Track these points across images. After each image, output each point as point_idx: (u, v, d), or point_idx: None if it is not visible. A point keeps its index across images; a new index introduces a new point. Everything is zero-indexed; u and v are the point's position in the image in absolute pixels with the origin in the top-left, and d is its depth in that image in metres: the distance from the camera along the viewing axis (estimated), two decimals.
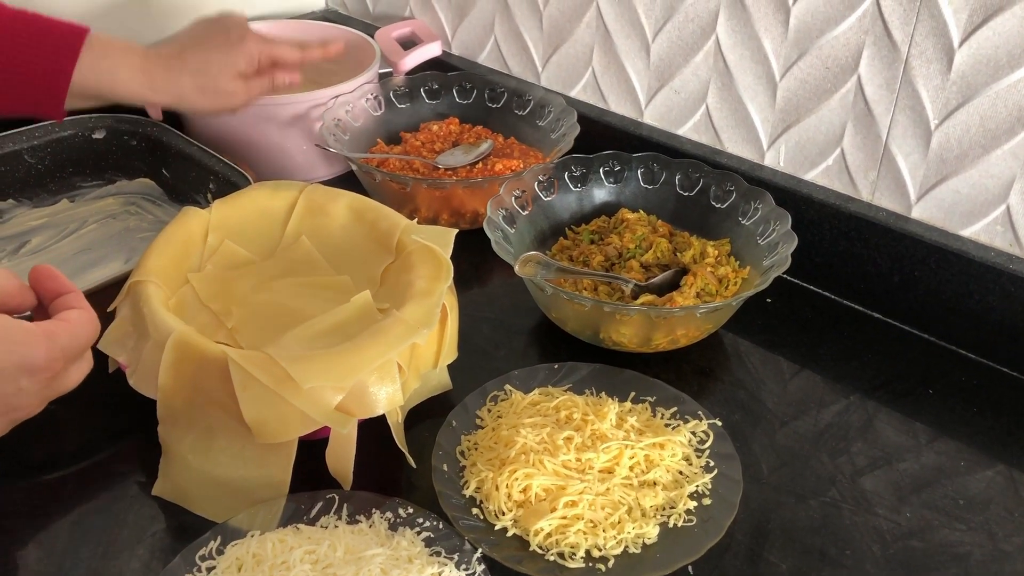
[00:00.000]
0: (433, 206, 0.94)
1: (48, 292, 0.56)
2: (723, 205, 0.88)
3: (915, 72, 0.79)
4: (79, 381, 0.56)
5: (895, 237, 0.84)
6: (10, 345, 0.50)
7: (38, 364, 0.51)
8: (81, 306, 0.55)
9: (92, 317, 0.55)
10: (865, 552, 0.64)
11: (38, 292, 0.56)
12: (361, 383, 0.64)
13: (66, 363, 0.54)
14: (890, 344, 0.84)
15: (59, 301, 0.55)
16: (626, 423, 0.70)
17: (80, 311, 0.54)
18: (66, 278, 0.56)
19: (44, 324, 0.53)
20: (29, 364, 0.51)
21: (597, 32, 1.00)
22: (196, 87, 0.86)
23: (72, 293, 0.56)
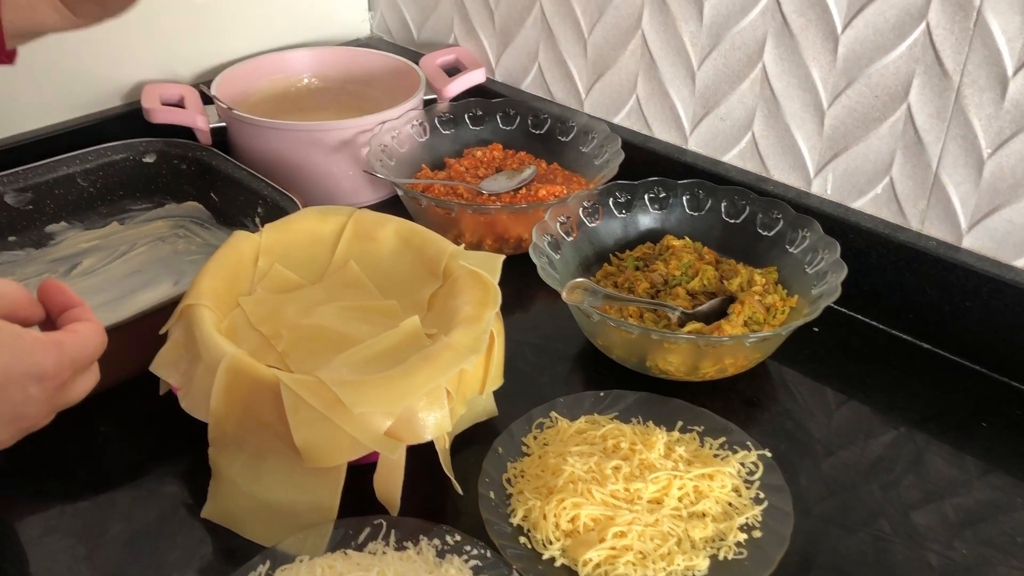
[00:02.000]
0: (477, 231, 0.94)
1: (56, 305, 0.56)
2: (770, 233, 0.88)
3: (967, 101, 0.78)
4: (86, 393, 0.56)
5: (945, 267, 0.83)
6: (20, 353, 0.51)
7: (47, 372, 0.51)
8: (88, 319, 0.55)
9: (99, 329, 0.55)
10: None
11: (46, 305, 0.56)
12: (410, 409, 0.64)
13: (74, 373, 0.54)
14: (940, 375, 0.83)
15: (67, 314, 0.56)
16: (674, 453, 0.69)
17: (88, 323, 0.55)
18: (73, 292, 0.57)
19: (53, 334, 0.53)
20: (38, 372, 0.51)
21: (642, 60, 1.01)
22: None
23: (79, 307, 0.56)
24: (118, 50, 1.09)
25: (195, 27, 1.14)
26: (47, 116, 1.06)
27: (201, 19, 1.14)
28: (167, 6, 1.10)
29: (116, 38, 1.07)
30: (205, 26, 1.15)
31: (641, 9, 0.98)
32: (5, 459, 0.73)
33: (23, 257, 0.96)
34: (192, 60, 1.16)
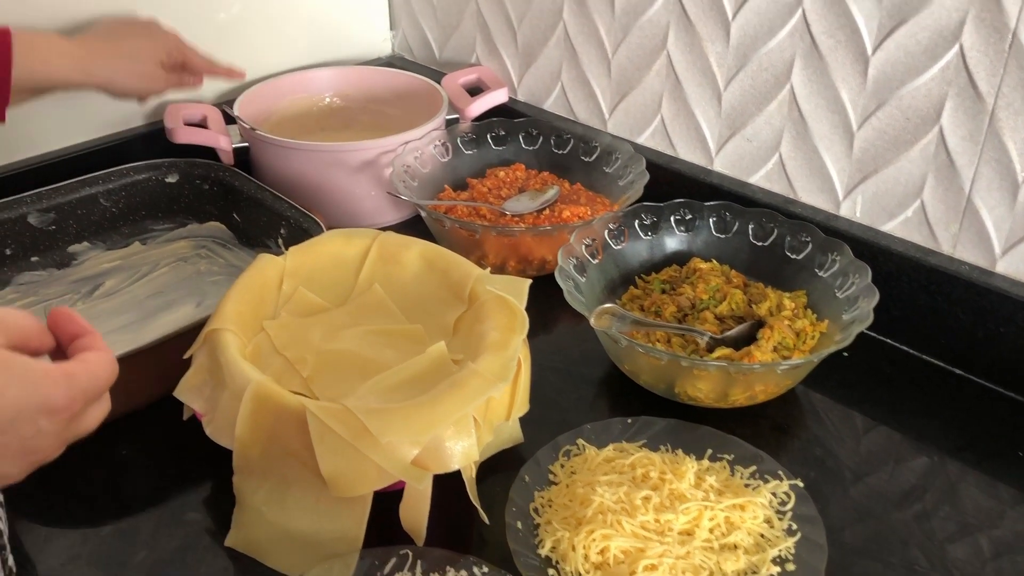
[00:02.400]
0: (501, 253, 0.93)
1: (66, 334, 0.55)
2: (799, 256, 0.87)
3: (1002, 124, 0.77)
4: (98, 423, 0.55)
5: (978, 292, 0.81)
6: (30, 386, 0.50)
7: (58, 405, 0.50)
8: (99, 347, 0.54)
9: (110, 358, 0.54)
10: None
11: (56, 334, 0.55)
12: (437, 437, 0.63)
13: (85, 404, 0.53)
14: (974, 402, 0.81)
15: (77, 343, 0.54)
16: (705, 482, 0.68)
17: (98, 352, 0.54)
18: (84, 320, 0.56)
19: (63, 365, 0.52)
20: (49, 405, 0.50)
21: (667, 80, 1.00)
22: (127, 70, 0.94)
23: (90, 335, 0.55)
24: None
25: (218, 47, 1.13)
26: (70, 136, 1.06)
27: (224, 38, 1.14)
28: (190, 26, 1.10)
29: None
30: (228, 45, 1.15)
31: (666, 30, 0.97)
32: (28, 483, 0.73)
33: (46, 277, 0.96)
34: (214, 80, 1.15)
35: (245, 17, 1.15)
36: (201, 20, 1.11)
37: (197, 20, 1.11)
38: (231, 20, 1.13)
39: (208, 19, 1.12)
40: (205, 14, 1.11)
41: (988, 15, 0.75)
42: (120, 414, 0.77)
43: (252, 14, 1.15)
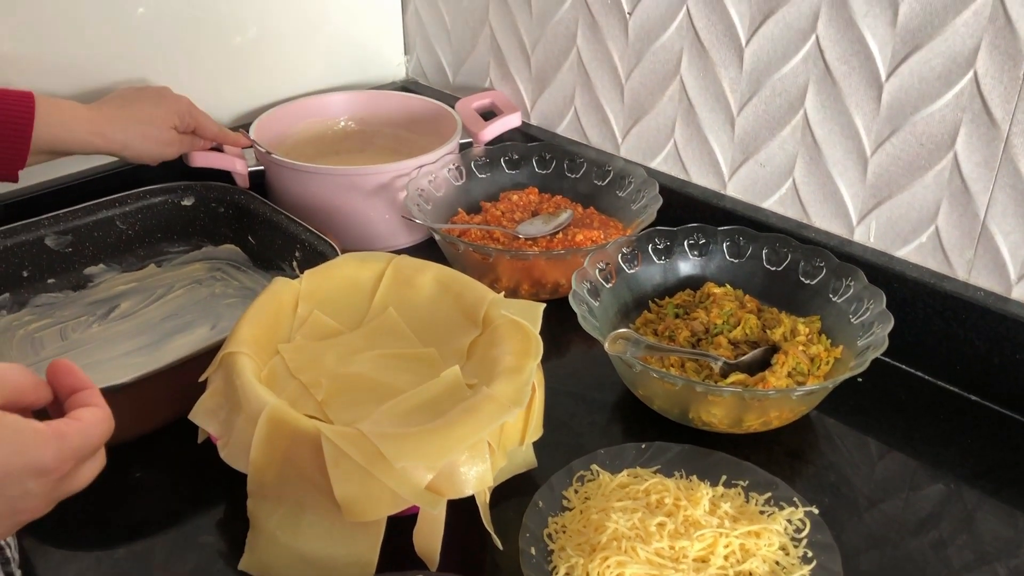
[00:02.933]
0: (514, 276, 0.93)
1: (64, 388, 0.54)
2: (813, 281, 0.87)
3: (1017, 150, 0.77)
4: (89, 481, 0.54)
5: (994, 318, 0.81)
6: (18, 447, 0.49)
7: (47, 466, 0.49)
8: (96, 403, 0.53)
9: (106, 416, 0.53)
10: None
11: (54, 387, 0.54)
12: (451, 463, 0.63)
13: (76, 464, 0.52)
14: (991, 429, 0.81)
15: (75, 398, 0.53)
16: (720, 509, 0.68)
17: (94, 409, 0.53)
18: (83, 373, 0.55)
19: (55, 424, 0.51)
20: (37, 466, 0.49)
21: (680, 105, 1.00)
22: (142, 135, 0.95)
23: (88, 390, 0.54)
24: None
25: (233, 71, 1.15)
26: (87, 159, 1.07)
27: (240, 62, 1.15)
28: (206, 50, 1.11)
29: (154, 80, 1.09)
30: (243, 70, 1.16)
31: (680, 55, 0.98)
32: None
33: (62, 299, 0.96)
34: (230, 103, 1.17)
35: (261, 41, 1.16)
36: (218, 44, 1.12)
37: (214, 44, 1.12)
38: (247, 44, 1.15)
39: (224, 43, 1.13)
40: (222, 37, 1.12)
41: (1002, 42, 0.75)
42: (135, 436, 0.77)
43: (268, 39, 1.16)
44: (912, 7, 0.79)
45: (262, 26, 1.15)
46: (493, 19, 1.16)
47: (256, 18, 1.14)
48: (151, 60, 1.08)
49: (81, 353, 0.89)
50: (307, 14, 1.19)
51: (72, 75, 1.03)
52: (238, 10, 1.12)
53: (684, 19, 0.96)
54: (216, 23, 1.11)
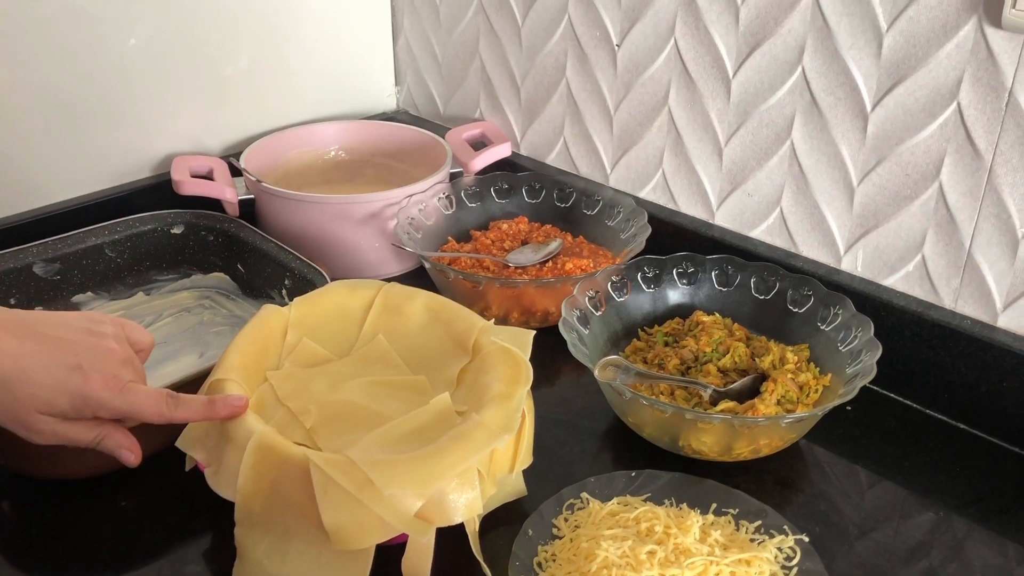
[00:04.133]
0: (504, 304, 0.93)
1: None
2: (801, 310, 0.87)
3: (1000, 180, 0.78)
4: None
5: (981, 346, 0.81)
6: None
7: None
8: None
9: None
10: None
11: None
12: (441, 490, 0.62)
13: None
14: (979, 458, 0.81)
15: None
16: (710, 537, 0.67)
17: None
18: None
19: None
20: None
21: (668, 136, 1.01)
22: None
23: None
24: (148, 123, 1.10)
25: (223, 101, 1.15)
26: (76, 187, 1.07)
27: (231, 93, 1.16)
28: (196, 81, 1.12)
29: (145, 111, 1.09)
30: (234, 100, 1.16)
31: (668, 87, 0.99)
32: (27, 534, 0.72)
33: None
34: (221, 132, 1.17)
35: (252, 72, 1.16)
36: (208, 75, 1.13)
37: (205, 75, 1.13)
38: (238, 75, 1.15)
39: (215, 74, 1.13)
40: (213, 69, 1.13)
41: (984, 74, 0.76)
42: (120, 465, 0.77)
43: (259, 69, 1.17)
44: (896, 40, 0.80)
45: (253, 57, 1.16)
46: (483, 51, 1.18)
47: (247, 49, 1.15)
48: (141, 91, 1.08)
49: None
50: (298, 45, 1.20)
51: (62, 106, 1.03)
52: (229, 41, 1.13)
53: (672, 51, 0.97)
54: (207, 55, 1.12)
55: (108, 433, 0.65)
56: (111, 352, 0.63)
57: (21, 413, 0.61)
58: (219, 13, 1.11)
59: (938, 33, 0.78)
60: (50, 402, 0.61)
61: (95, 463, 0.75)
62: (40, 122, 1.02)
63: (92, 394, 0.61)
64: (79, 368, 0.61)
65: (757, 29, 0.89)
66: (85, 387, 0.61)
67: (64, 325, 0.63)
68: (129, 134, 1.09)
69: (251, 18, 1.14)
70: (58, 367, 0.61)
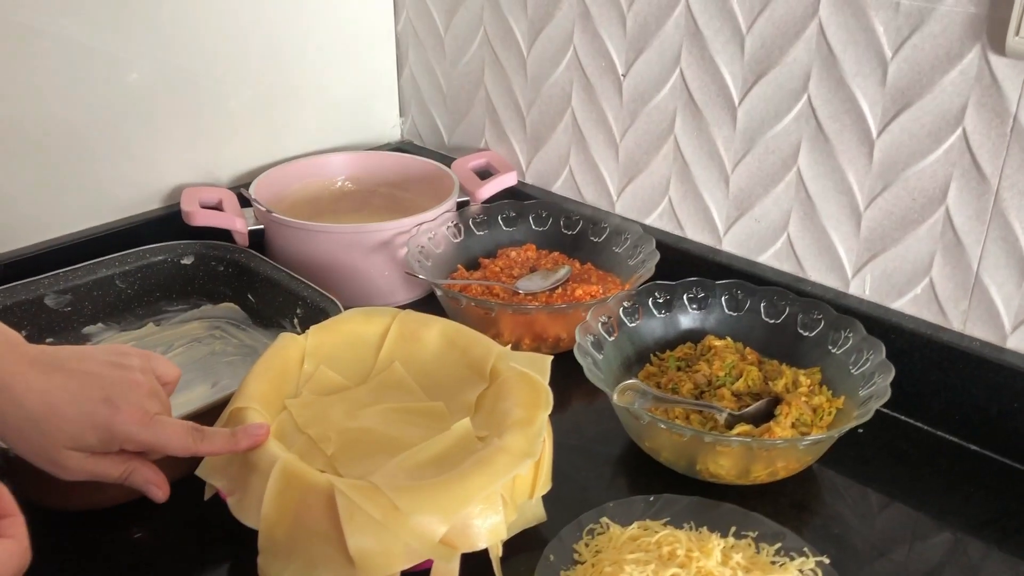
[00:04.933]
0: (516, 331, 0.94)
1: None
2: (811, 333, 0.88)
3: (1006, 204, 0.79)
4: None
5: (991, 368, 0.82)
6: None
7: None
8: (14, 535, 0.51)
9: (19, 550, 0.51)
10: None
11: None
12: (465, 515, 0.63)
13: None
14: (993, 478, 0.82)
15: None
16: (731, 560, 0.68)
17: (7, 542, 0.51)
18: (12, 500, 0.53)
19: None
20: None
21: (674, 164, 1.03)
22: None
23: (9, 519, 0.52)
24: (156, 154, 1.11)
25: (229, 133, 1.16)
26: (86, 219, 1.08)
27: (235, 125, 1.16)
28: (199, 114, 1.12)
29: (153, 143, 1.10)
30: (239, 132, 1.17)
31: (674, 115, 1.01)
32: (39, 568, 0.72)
33: None
34: (228, 164, 1.18)
35: (256, 104, 1.17)
36: (212, 107, 1.13)
37: (208, 108, 1.13)
38: (241, 107, 1.16)
39: (218, 107, 1.14)
40: (215, 102, 1.13)
41: (989, 100, 0.78)
42: (136, 497, 0.76)
43: (263, 101, 1.18)
44: (900, 67, 0.82)
45: (256, 90, 1.16)
46: (488, 82, 1.19)
47: (252, 81, 1.16)
48: (146, 125, 1.08)
49: None
50: (302, 77, 1.21)
51: (69, 139, 1.03)
52: (232, 74, 1.14)
53: (678, 80, 0.99)
54: (209, 88, 1.12)
55: (136, 468, 0.64)
56: (138, 385, 0.63)
57: (50, 449, 0.61)
58: (223, 46, 1.12)
59: (942, 60, 0.79)
60: (78, 436, 0.61)
61: (113, 494, 0.75)
62: (49, 156, 1.02)
63: (120, 427, 0.61)
64: (107, 401, 0.61)
65: (763, 58, 0.91)
66: (113, 420, 0.61)
67: (91, 359, 0.63)
68: (137, 166, 1.10)
69: (254, 51, 1.15)
70: (86, 400, 0.61)
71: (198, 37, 1.10)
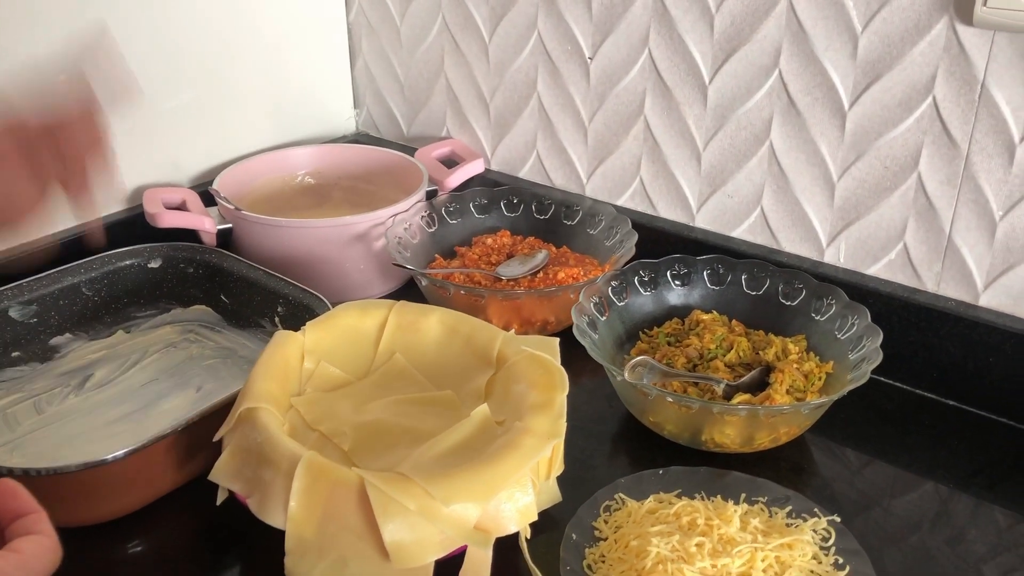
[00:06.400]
0: (504, 316, 0.94)
1: (7, 512, 0.50)
2: (794, 303, 0.90)
3: (976, 167, 0.83)
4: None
5: (966, 325, 0.86)
6: None
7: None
8: (41, 531, 0.49)
9: (51, 545, 0.49)
10: None
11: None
12: (496, 500, 0.63)
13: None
14: (973, 432, 0.85)
15: (18, 524, 0.49)
16: (749, 525, 0.69)
17: (37, 537, 0.48)
18: (29, 495, 0.50)
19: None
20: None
21: (645, 144, 1.04)
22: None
23: (34, 514, 0.50)
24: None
25: (173, 134, 1.11)
26: (43, 227, 1.03)
27: (177, 126, 1.12)
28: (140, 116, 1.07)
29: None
30: (193, 131, 1.13)
31: (643, 96, 1.02)
32: None
33: (29, 372, 0.92)
34: (186, 164, 1.15)
35: (206, 102, 1.13)
36: (161, 106, 1.09)
37: (157, 106, 1.09)
38: (190, 105, 1.11)
39: (167, 105, 1.09)
40: (164, 100, 1.09)
41: (958, 68, 0.81)
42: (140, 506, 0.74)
43: (204, 101, 1.13)
44: (871, 40, 0.85)
45: (196, 91, 1.12)
46: (449, 70, 1.18)
47: (201, 78, 1.12)
48: None
49: (61, 426, 0.84)
50: (252, 72, 1.18)
51: None
52: (178, 71, 1.10)
53: (646, 61, 1.00)
54: (157, 86, 1.07)
55: None
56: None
57: None
58: (169, 42, 1.08)
59: (911, 32, 0.82)
60: None
61: (113, 507, 0.73)
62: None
63: None
64: None
65: (732, 35, 0.93)
66: None
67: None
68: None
69: (202, 47, 1.11)
70: None
71: (144, 33, 1.06)
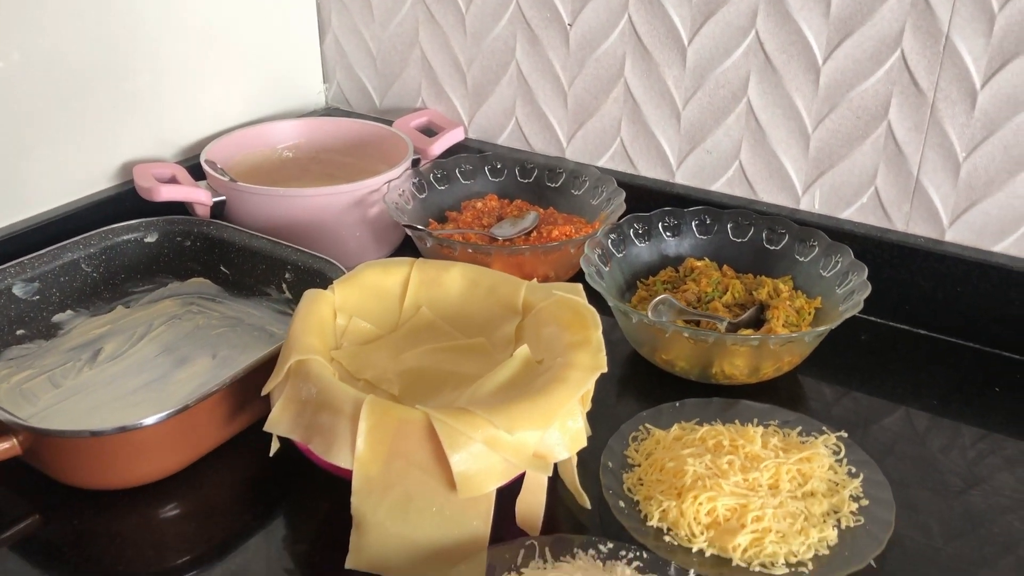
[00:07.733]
0: (507, 272, 0.98)
1: None
2: (777, 247, 0.97)
3: (942, 114, 0.91)
4: None
5: (935, 259, 0.94)
6: None
7: None
8: None
9: None
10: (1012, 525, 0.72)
11: None
12: (551, 428, 0.67)
13: None
14: (945, 357, 0.94)
15: None
16: (770, 443, 0.75)
17: None
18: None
19: None
20: None
21: (625, 106, 1.09)
22: None
23: None
24: (96, 134, 1.06)
25: (137, 114, 1.10)
26: (31, 206, 1.02)
27: (141, 107, 1.11)
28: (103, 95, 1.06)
29: (87, 123, 1.05)
30: (151, 112, 1.12)
31: (623, 60, 1.07)
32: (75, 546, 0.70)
33: (35, 349, 0.91)
34: (169, 140, 1.14)
35: (158, 85, 1.12)
36: (110, 88, 1.07)
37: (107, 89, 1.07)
38: (143, 88, 1.11)
39: (116, 88, 1.08)
40: (113, 83, 1.07)
41: (924, 23, 0.88)
42: (188, 463, 0.76)
43: (168, 80, 1.13)
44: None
45: (155, 72, 1.11)
46: (424, 41, 1.21)
47: (168, 56, 1.12)
48: (79, 104, 1.03)
49: (82, 398, 0.85)
50: (222, 49, 1.18)
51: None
52: (143, 49, 1.09)
53: (626, 26, 1.05)
54: (106, 69, 1.06)
55: None
56: None
57: None
58: (136, 20, 1.07)
59: None
60: None
61: (147, 470, 0.75)
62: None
63: None
64: None
65: None
66: None
67: None
68: (77, 147, 1.05)
69: (165, 26, 1.11)
70: None
71: (117, 11, 1.05)
